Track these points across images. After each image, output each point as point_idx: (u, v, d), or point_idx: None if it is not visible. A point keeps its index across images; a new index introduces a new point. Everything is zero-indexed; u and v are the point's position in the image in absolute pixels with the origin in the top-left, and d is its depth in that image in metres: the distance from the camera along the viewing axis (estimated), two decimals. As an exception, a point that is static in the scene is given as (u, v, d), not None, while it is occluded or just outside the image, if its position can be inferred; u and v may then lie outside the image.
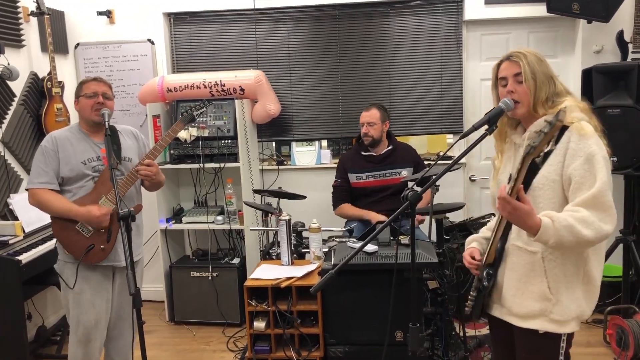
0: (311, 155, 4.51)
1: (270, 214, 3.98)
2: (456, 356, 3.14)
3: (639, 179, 3.65)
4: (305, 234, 3.62)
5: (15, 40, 3.74)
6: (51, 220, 2.64)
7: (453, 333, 3.24)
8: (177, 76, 4.21)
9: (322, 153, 4.51)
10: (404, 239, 2.99)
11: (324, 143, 4.63)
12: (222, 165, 4.03)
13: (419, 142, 4.74)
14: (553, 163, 1.81)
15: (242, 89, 4.07)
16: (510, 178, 1.98)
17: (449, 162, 1.88)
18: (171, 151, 4.11)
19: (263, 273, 3.14)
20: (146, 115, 4.20)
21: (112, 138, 2.60)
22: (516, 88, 1.88)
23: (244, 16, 4.36)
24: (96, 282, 2.65)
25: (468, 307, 2.03)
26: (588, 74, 3.68)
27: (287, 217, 3.21)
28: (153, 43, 4.36)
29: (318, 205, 4.25)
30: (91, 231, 2.59)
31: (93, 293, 2.64)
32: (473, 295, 2.01)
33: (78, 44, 4.41)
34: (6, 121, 3.63)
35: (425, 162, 3.97)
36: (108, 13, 4.34)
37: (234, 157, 4.04)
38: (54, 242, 2.75)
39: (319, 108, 4.42)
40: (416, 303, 2.07)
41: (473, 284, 2.03)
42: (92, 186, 2.61)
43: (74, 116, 3.66)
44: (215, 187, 4.35)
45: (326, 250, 3.25)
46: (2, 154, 3.58)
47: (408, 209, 1.77)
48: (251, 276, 3.15)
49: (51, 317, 3.93)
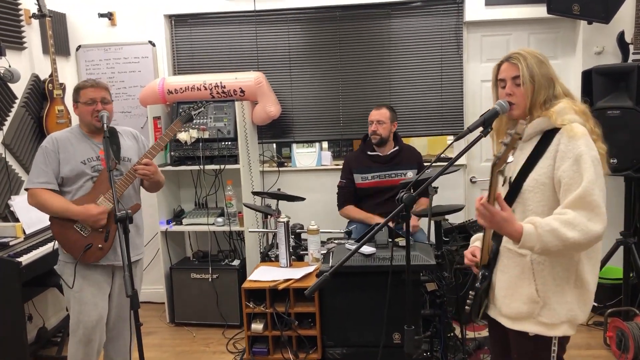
0: (312, 157, 4.50)
1: (269, 216, 3.98)
2: (455, 358, 3.13)
3: (640, 181, 3.63)
4: (304, 236, 3.62)
5: (16, 42, 3.77)
6: (50, 220, 2.65)
7: (451, 335, 3.23)
8: (178, 78, 4.22)
9: (323, 155, 4.50)
10: (401, 241, 2.99)
11: (325, 145, 4.64)
12: (222, 167, 4.04)
13: (420, 144, 4.73)
14: (544, 166, 1.81)
15: (242, 91, 4.08)
16: (504, 180, 1.98)
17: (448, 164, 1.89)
18: (172, 153, 4.12)
19: (261, 275, 3.14)
20: (147, 117, 4.21)
21: (112, 139, 2.62)
22: (514, 90, 1.87)
23: (245, 18, 4.37)
24: (96, 281, 2.67)
25: (467, 307, 2.03)
26: (588, 76, 3.66)
27: (286, 219, 3.22)
28: (154, 45, 4.37)
29: (319, 207, 4.25)
30: (89, 231, 2.61)
31: (94, 292, 2.65)
32: (471, 295, 2.01)
33: (80, 46, 4.42)
34: (7, 123, 3.65)
35: (426, 164, 3.96)
36: (109, 15, 4.35)
37: (234, 159, 4.04)
38: (54, 244, 2.77)
39: (320, 110, 4.42)
40: (412, 305, 2.06)
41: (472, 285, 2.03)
42: (91, 186, 2.63)
43: (75, 118, 3.64)
44: (215, 189, 4.35)
45: (324, 252, 3.25)
46: (3, 156, 3.60)
47: (403, 211, 1.78)
48: (249, 278, 3.15)
49: (52, 319, 3.94)
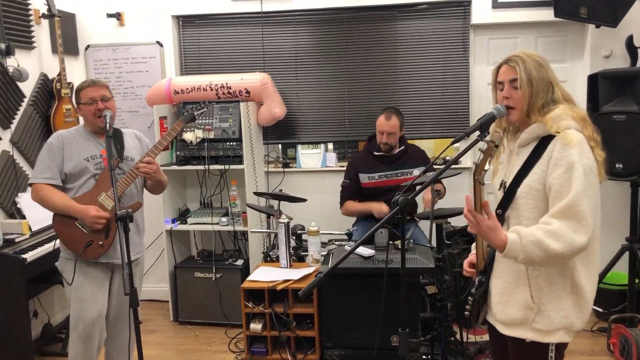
0: (317, 158, 4.51)
1: (272, 216, 4.00)
2: (455, 362, 3.12)
3: (646, 186, 3.59)
4: (304, 237, 3.63)
5: (26, 41, 3.82)
6: (52, 216, 2.68)
7: (452, 338, 3.22)
8: (184, 78, 4.26)
9: (328, 156, 4.51)
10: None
11: (330, 146, 4.63)
12: (227, 167, 4.06)
13: (426, 147, 4.70)
14: (537, 172, 1.79)
15: (248, 92, 4.10)
16: (501, 184, 1.97)
17: (453, 167, 1.89)
18: (177, 152, 4.15)
19: (261, 275, 3.16)
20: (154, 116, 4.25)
21: (116, 138, 2.65)
22: (511, 94, 1.85)
23: (252, 19, 4.39)
24: (96, 278, 2.69)
25: (467, 312, 2.03)
26: (594, 80, 3.63)
27: (286, 220, 3.23)
28: (162, 45, 4.41)
29: (323, 208, 4.25)
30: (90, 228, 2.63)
31: (94, 289, 2.68)
32: (470, 300, 2.01)
33: (88, 46, 4.48)
34: (15, 121, 3.70)
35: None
36: (118, 15, 4.40)
37: (239, 159, 4.06)
38: (56, 242, 2.80)
39: (325, 111, 4.42)
40: (406, 308, 2.06)
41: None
42: (94, 184, 2.66)
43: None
44: (220, 189, 4.38)
45: (325, 253, 3.25)
46: (11, 154, 3.65)
47: (398, 214, 1.78)
48: (249, 278, 3.17)
49: (57, 315, 3.98)
